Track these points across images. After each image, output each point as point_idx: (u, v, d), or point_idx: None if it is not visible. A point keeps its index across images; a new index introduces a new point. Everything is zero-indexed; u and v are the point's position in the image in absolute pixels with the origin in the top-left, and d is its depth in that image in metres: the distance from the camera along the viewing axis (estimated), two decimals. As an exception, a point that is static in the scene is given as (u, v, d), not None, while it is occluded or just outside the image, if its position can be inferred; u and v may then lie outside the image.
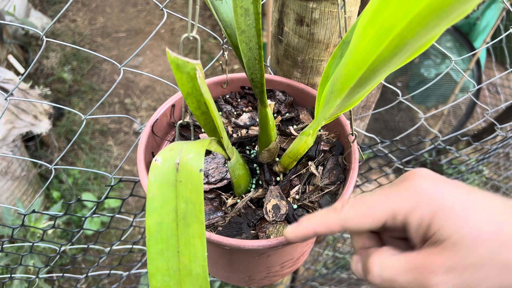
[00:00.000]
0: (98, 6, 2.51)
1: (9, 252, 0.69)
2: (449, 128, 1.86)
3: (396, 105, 1.86)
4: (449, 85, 1.72)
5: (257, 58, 0.37)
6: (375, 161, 1.80)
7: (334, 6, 0.45)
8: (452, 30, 1.65)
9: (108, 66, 2.19)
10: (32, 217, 1.16)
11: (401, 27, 0.24)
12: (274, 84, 0.55)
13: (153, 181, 0.26)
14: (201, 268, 0.25)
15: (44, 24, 2.17)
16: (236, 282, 0.55)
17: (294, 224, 0.31)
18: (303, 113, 0.54)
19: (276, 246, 0.38)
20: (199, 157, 0.27)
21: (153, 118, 0.49)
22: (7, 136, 1.34)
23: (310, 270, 1.22)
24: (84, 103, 1.99)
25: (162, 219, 0.26)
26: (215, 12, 0.41)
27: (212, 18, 2.45)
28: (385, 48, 0.26)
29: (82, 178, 1.71)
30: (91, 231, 1.49)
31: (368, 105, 0.69)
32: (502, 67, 2.01)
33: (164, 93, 2.10)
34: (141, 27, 2.40)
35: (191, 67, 0.26)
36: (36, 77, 2.07)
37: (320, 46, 0.49)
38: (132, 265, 0.97)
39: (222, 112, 0.55)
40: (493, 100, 2.05)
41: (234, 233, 0.42)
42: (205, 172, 0.47)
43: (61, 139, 1.82)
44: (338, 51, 0.38)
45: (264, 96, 0.41)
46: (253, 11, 0.34)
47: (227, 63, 0.51)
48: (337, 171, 0.47)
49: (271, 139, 0.46)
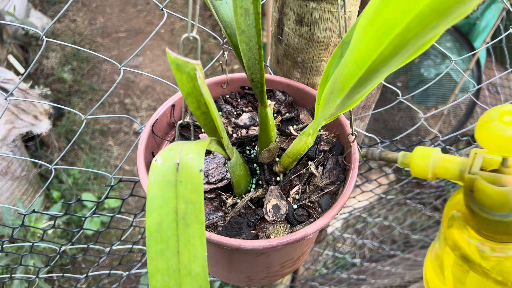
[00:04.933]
0: (98, 6, 2.51)
1: (9, 252, 0.69)
2: (449, 128, 1.86)
3: (396, 105, 1.86)
4: (449, 85, 1.72)
5: (257, 58, 0.37)
6: (375, 161, 1.80)
7: (334, 6, 0.45)
8: (452, 30, 1.65)
9: (108, 66, 2.19)
10: (32, 217, 1.16)
11: (401, 27, 0.24)
12: (274, 84, 0.55)
13: (153, 181, 0.26)
14: (201, 268, 0.25)
15: (44, 24, 2.17)
16: (236, 282, 0.55)
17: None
18: (303, 113, 0.54)
19: (276, 246, 0.38)
20: (199, 157, 0.27)
21: (153, 118, 0.49)
22: (7, 136, 1.34)
23: (310, 270, 1.22)
24: (84, 103, 1.99)
25: (162, 219, 0.26)
26: (215, 12, 0.41)
27: (212, 18, 2.45)
28: (385, 48, 0.26)
29: (82, 178, 1.71)
30: (91, 231, 1.49)
31: (368, 105, 0.69)
32: (502, 67, 2.01)
33: (164, 93, 2.10)
34: (141, 27, 2.40)
35: (191, 67, 0.26)
36: (36, 77, 2.07)
37: (320, 46, 0.49)
38: (132, 265, 0.97)
39: (222, 112, 0.55)
40: (493, 100, 2.05)
41: (234, 233, 0.42)
42: (205, 172, 0.47)
43: (61, 139, 1.82)
44: (338, 51, 0.38)
45: (264, 96, 0.41)
46: (253, 11, 0.34)
47: (227, 63, 0.51)
48: (337, 171, 0.47)
49: (271, 139, 0.46)
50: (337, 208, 0.41)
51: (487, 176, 0.29)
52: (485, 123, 0.29)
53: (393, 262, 1.45)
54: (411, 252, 1.49)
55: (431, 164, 0.33)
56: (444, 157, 0.33)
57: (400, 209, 1.64)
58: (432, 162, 0.33)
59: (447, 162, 0.32)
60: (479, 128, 0.29)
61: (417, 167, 0.34)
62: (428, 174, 0.33)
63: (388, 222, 1.53)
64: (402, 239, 1.61)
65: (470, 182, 0.29)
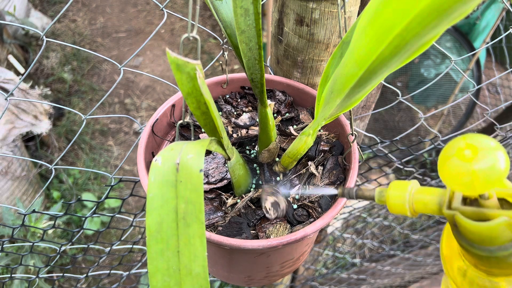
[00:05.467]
0: (98, 6, 2.51)
1: (9, 252, 0.70)
2: (449, 128, 1.86)
3: (396, 105, 1.86)
4: (449, 85, 1.72)
5: (257, 58, 0.37)
6: (375, 161, 1.80)
7: (334, 6, 0.45)
8: (452, 30, 1.65)
9: (108, 66, 2.19)
10: (32, 217, 1.16)
11: (401, 28, 0.24)
12: (274, 84, 0.55)
13: (153, 181, 0.26)
14: (201, 268, 0.25)
15: (44, 24, 2.17)
16: (236, 282, 0.55)
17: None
18: (303, 113, 0.54)
19: (276, 246, 0.38)
20: (199, 157, 0.27)
21: (153, 118, 0.49)
22: (7, 136, 1.34)
23: (310, 270, 1.22)
24: (84, 103, 1.99)
25: (162, 219, 0.26)
26: (215, 12, 0.41)
27: (212, 18, 2.45)
28: (385, 48, 0.26)
29: (82, 178, 1.71)
30: (91, 231, 1.49)
31: (368, 105, 0.70)
32: (502, 67, 2.01)
33: (164, 93, 2.10)
34: (141, 27, 2.40)
35: (191, 67, 0.27)
36: (36, 77, 2.07)
37: (320, 46, 0.49)
38: (132, 265, 0.97)
39: (222, 112, 0.55)
40: (493, 100, 2.05)
41: (234, 233, 0.42)
42: (205, 172, 0.47)
43: (61, 139, 1.82)
44: (338, 51, 0.38)
45: (264, 96, 0.41)
46: (253, 11, 0.34)
47: (227, 63, 0.51)
48: (337, 171, 0.47)
49: (271, 139, 0.46)
50: (337, 208, 0.41)
51: (468, 210, 0.26)
52: (444, 160, 0.26)
53: (393, 262, 1.45)
54: (411, 252, 1.49)
55: (408, 200, 0.29)
56: (421, 189, 0.29)
57: (400, 209, 1.64)
58: (408, 198, 0.29)
59: (425, 195, 0.29)
60: (440, 165, 0.26)
61: (394, 205, 0.30)
62: (407, 212, 0.29)
63: (388, 222, 1.53)
64: (402, 239, 1.62)
65: (451, 218, 0.27)
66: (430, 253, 1.49)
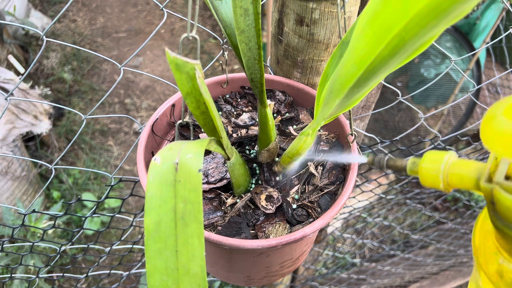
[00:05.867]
0: (98, 6, 2.51)
1: (9, 252, 0.70)
2: (449, 128, 1.86)
3: (396, 105, 1.86)
4: (449, 85, 1.72)
5: (256, 58, 0.37)
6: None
7: (334, 6, 0.45)
8: (452, 30, 1.65)
9: (108, 66, 2.19)
10: (32, 217, 1.16)
11: (400, 27, 0.24)
12: (274, 84, 0.55)
13: (152, 180, 0.26)
14: (199, 267, 0.25)
15: (44, 24, 2.17)
16: (235, 282, 0.55)
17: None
18: (302, 113, 0.54)
19: (275, 246, 0.38)
20: (198, 157, 0.27)
21: (153, 118, 0.49)
22: (7, 136, 1.34)
23: (310, 270, 1.22)
24: (84, 103, 2.00)
25: (160, 218, 0.26)
26: (215, 12, 0.41)
27: (212, 18, 2.45)
28: (384, 48, 0.26)
29: (82, 178, 1.71)
30: (91, 231, 1.49)
31: (368, 105, 0.70)
32: (502, 67, 2.01)
33: (164, 93, 2.10)
34: (141, 27, 2.40)
35: (190, 67, 0.27)
36: (36, 77, 2.07)
37: (320, 46, 0.49)
38: (132, 265, 0.97)
39: (222, 112, 0.55)
40: (493, 100, 2.05)
41: (234, 232, 0.42)
42: (205, 172, 0.47)
43: (61, 139, 1.82)
44: (338, 51, 0.38)
45: (263, 96, 0.41)
46: (253, 11, 0.34)
47: (227, 63, 0.51)
48: (337, 171, 0.47)
49: (271, 139, 0.46)
50: (336, 208, 0.41)
51: (509, 185, 0.23)
52: (490, 120, 0.23)
53: (393, 262, 1.45)
54: (411, 252, 1.49)
55: (443, 171, 0.26)
56: (459, 161, 0.27)
57: (400, 209, 1.64)
58: (443, 168, 0.26)
59: (462, 168, 0.26)
60: (484, 127, 0.24)
61: (426, 176, 0.27)
62: (440, 184, 0.27)
63: (388, 222, 1.53)
64: (402, 239, 1.62)
65: (488, 193, 0.24)
66: (430, 253, 1.49)
